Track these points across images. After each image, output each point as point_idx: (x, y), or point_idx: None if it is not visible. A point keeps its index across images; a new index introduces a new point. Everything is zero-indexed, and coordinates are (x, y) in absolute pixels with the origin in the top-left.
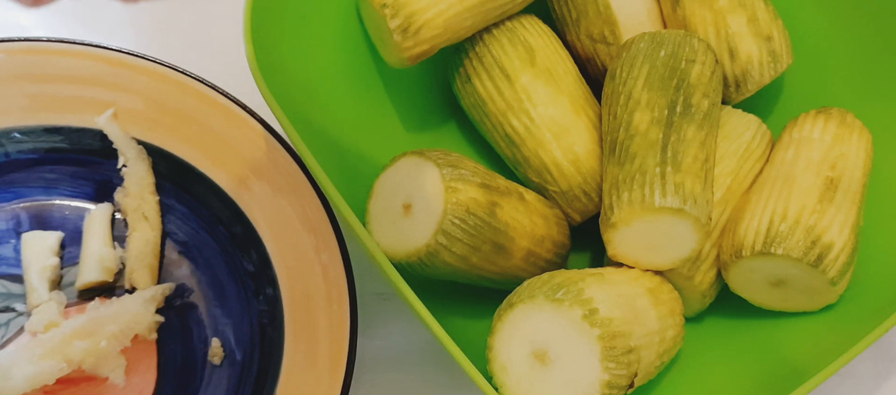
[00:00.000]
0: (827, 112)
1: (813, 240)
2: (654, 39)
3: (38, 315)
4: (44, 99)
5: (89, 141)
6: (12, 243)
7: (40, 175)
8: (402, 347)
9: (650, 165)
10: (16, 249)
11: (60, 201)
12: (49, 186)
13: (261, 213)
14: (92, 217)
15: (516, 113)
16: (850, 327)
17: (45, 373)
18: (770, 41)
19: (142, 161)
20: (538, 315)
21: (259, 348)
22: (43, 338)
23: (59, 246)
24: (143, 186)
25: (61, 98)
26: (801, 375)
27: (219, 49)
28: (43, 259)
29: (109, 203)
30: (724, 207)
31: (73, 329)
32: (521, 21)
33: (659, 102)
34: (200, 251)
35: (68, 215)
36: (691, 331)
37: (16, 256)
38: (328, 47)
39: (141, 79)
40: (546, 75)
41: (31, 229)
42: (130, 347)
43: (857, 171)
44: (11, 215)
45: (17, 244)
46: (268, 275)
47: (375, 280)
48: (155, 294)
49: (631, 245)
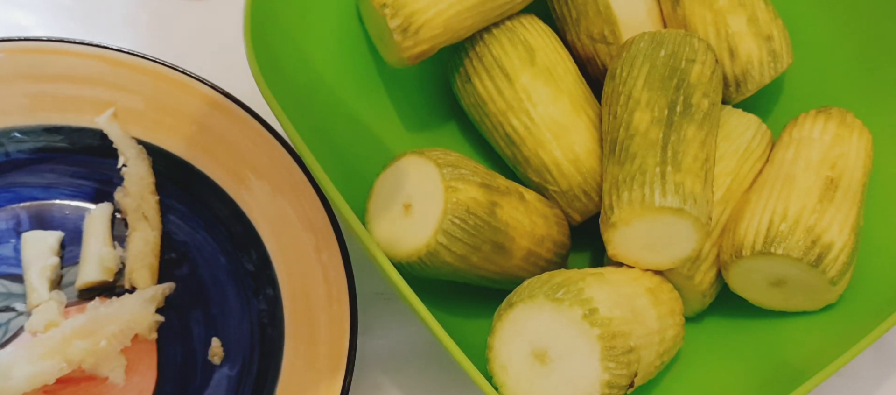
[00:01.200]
0: (827, 112)
1: (813, 240)
2: (654, 39)
3: (39, 315)
4: (44, 99)
5: (89, 141)
6: (12, 243)
7: (40, 175)
8: (402, 346)
9: (650, 164)
10: (16, 248)
11: (60, 200)
12: (49, 186)
13: (260, 212)
14: (92, 217)
15: (516, 113)
16: (850, 327)
17: (45, 373)
18: (770, 41)
19: (142, 161)
20: (538, 315)
21: (259, 347)
22: (43, 338)
23: (59, 246)
24: (143, 186)
25: (61, 98)
26: (801, 375)
27: (219, 49)
28: (43, 259)
29: (109, 203)
30: (724, 206)
31: (73, 329)
32: (521, 21)
33: (659, 102)
34: (200, 251)
35: (68, 214)
36: (691, 331)
37: (16, 255)
38: (328, 47)
39: (141, 78)
40: (546, 75)
41: (31, 228)
42: (130, 346)
43: (857, 170)
44: (11, 215)
45: (17, 244)
46: (268, 275)
47: (375, 280)
48: (155, 294)
49: (631, 245)
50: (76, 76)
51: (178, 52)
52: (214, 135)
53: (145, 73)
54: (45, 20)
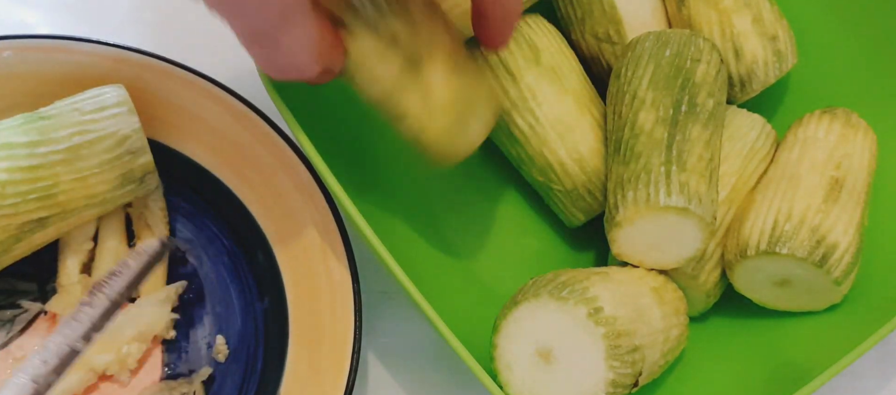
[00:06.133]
0: (832, 112)
1: (818, 240)
2: (659, 39)
3: (61, 297)
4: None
5: None
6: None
7: None
8: (407, 345)
9: (655, 163)
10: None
11: None
12: None
13: (266, 211)
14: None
15: (521, 112)
16: (854, 327)
17: (72, 387)
18: (775, 41)
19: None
20: (543, 314)
21: (263, 346)
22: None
23: (94, 233)
24: (146, 194)
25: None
26: (806, 374)
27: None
28: (80, 242)
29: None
30: (728, 206)
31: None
32: (527, 20)
33: (664, 102)
34: (206, 249)
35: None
36: (695, 330)
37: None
38: None
39: (146, 77)
40: (551, 74)
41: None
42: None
43: (862, 171)
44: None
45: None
46: (273, 273)
47: (379, 279)
48: (169, 294)
49: (635, 244)
50: (82, 75)
51: (184, 50)
52: (220, 133)
53: (151, 71)
54: (50, 18)
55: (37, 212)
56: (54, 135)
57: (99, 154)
